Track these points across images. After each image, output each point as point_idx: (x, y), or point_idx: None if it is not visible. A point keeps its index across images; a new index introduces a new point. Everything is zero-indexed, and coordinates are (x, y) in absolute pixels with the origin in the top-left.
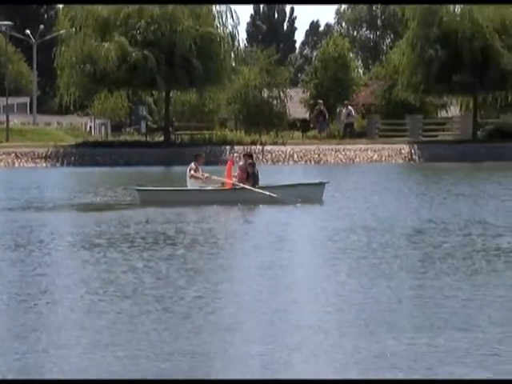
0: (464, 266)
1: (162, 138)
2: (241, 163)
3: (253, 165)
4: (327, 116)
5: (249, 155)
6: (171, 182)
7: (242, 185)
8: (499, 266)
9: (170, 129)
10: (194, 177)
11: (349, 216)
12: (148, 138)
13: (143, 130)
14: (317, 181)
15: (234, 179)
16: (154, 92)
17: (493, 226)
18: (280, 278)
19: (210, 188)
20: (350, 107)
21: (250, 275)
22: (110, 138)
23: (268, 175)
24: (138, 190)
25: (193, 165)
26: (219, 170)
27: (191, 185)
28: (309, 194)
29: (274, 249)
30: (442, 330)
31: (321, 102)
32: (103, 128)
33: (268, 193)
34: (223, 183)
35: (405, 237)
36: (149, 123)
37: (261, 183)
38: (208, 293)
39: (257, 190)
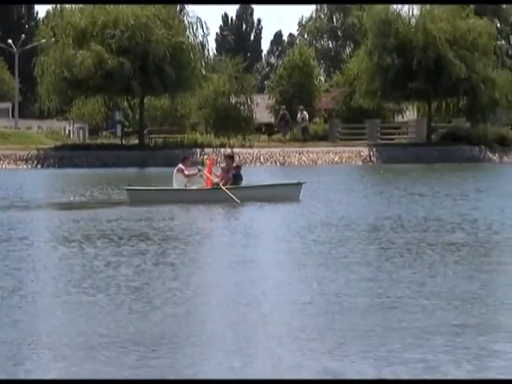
0: (419, 260)
1: (136, 141)
2: (222, 165)
3: (238, 167)
4: (290, 121)
5: (230, 156)
6: (148, 182)
7: (222, 187)
8: (452, 259)
9: (144, 132)
10: (188, 176)
11: (313, 214)
12: (123, 141)
13: (119, 133)
14: (294, 181)
15: (216, 179)
16: (129, 98)
17: (446, 223)
18: (246, 271)
19: (194, 188)
20: (304, 112)
21: (218, 269)
22: (88, 141)
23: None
24: (127, 189)
25: (180, 166)
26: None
27: (177, 185)
28: (287, 193)
29: (243, 245)
30: (396, 319)
31: (283, 107)
32: (81, 132)
33: (234, 198)
34: (201, 176)
35: (365, 233)
36: (124, 127)
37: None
38: (178, 285)
39: (227, 192)
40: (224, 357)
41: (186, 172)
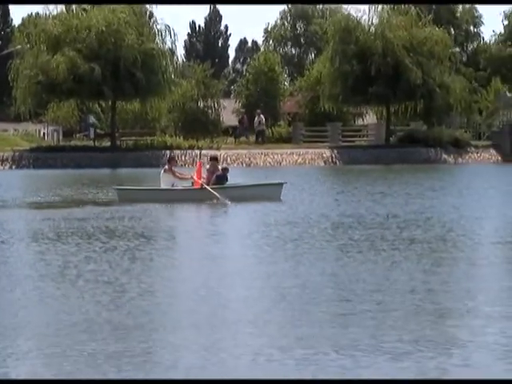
0: (378, 255)
1: (108, 143)
2: (208, 166)
3: (225, 169)
4: (247, 124)
5: (214, 158)
6: (120, 182)
7: (206, 186)
8: (409, 254)
9: (116, 135)
10: (181, 178)
11: (279, 212)
12: (96, 143)
13: (91, 135)
14: (276, 181)
15: (202, 180)
16: (100, 102)
17: (403, 220)
18: (212, 267)
19: (180, 187)
20: (261, 116)
21: (185, 264)
22: (62, 143)
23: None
24: (116, 189)
25: (166, 167)
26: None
27: (165, 185)
28: (269, 193)
29: (210, 241)
30: (353, 309)
31: (242, 111)
32: (55, 134)
33: (220, 197)
34: (193, 183)
35: (327, 230)
36: (97, 130)
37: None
38: (146, 279)
39: (211, 190)
40: (193, 345)
41: (178, 174)
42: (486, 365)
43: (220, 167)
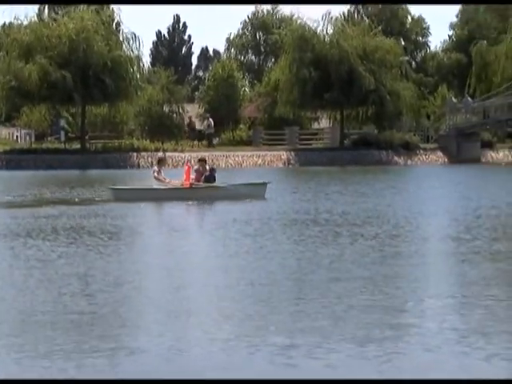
0: (332, 249)
1: (78, 146)
2: (196, 167)
3: (212, 169)
4: (195, 128)
5: (203, 160)
6: (90, 183)
7: (197, 185)
8: (360, 248)
9: (86, 138)
10: (157, 179)
11: (242, 211)
12: (66, 146)
13: (62, 138)
14: (260, 181)
15: (192, 180)
16: (71, 107)
17: (356, 217)
18: (178, 262)
19: (172, 187)
20: (210, 119)
21: (152, 259)
22: (34, 146)
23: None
24: (111, 188)
25: (156, 167)
26: (179, 172)
27: (157, 184)
28: (254, 192)
29: (180, 237)
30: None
31: (190, 116)
32: (28, 137)
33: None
34: (182, 184)
35: (284, 226)
36: (67, 133)
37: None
38: (114, 272)
39: (203, 190)
40: (158, 333)
41: (156, 175)
42: (434, 348)
43: (208, 168)
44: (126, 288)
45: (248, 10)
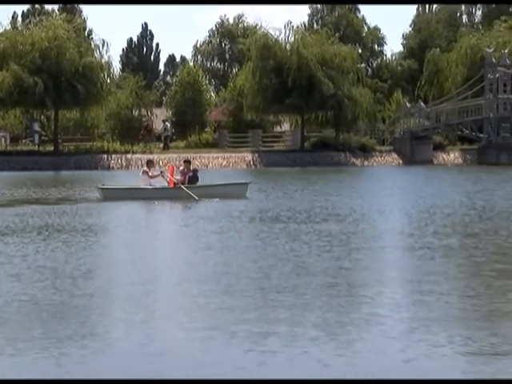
0: (293, 244)
1: (51, 148)
2: (181, 168)
3: (195, 170)
4: (152, 131)
5: (187, 161)
6: (63, 183)
7: (181, 186)
8: (320, 243)
9: (59, 140)
10: (152, 176)
11: (208, 209)
12: (40, 148)
13: (36, 141)
14: (242, 181)
15: (176, 180)
16: (44, 111)
17: (317, 214)
18: (146, 257)
19: (158, 187)
20: (167, 123)
21: (122, 254)
22: (9, 148)
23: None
24: (100, 188)
25: (145, 168)
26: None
27: (143, 184)
28: (236, 191)
29: (148, 235)
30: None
31: (145, 119)
32: (3, 140)
33: (193, 195)
34: (168, 182)
35: (247, 223)
36: (41, 136)
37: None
38: (85, 266)
39: (187, 190)
40: (125, 321)
41: (150, 173)
42: (391, 337)
43: (191, 168)
44: (95, 281)
45: (214, 19)
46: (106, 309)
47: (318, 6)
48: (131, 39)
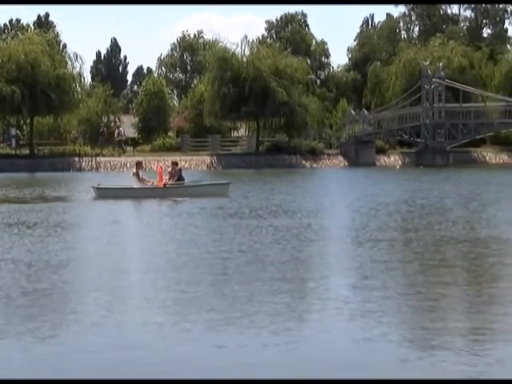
0: (248, 236)
1: (27, 152)
2: (169, 169)
3: (179, 170)
4: (106, 136)
5: (175, 163)
6: (40, 184)
7: (170, 185)
8: (273, 236)
9: (34, 144)
10: (141, 181)
11: (172, 208)
12: (17, 152)
13: (13, 145)
14: (224, 181)
15: (165, 180)
16: (20, 118)
17: (272, 211)
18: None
19: (149, 186)
20: (121, 128)
21: (92, 249)
22: None
23: (110, 179)
24: (95, 187)
25: (134, 170)
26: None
27: (136, 184)
28: (218, 190)
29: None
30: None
31: (103, 124)
32: None
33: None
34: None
35: (206, 219)
36: (18, 140)
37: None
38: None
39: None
40: (96, 307)
41: (140, 177)
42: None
43: (177, 169)
44: (65, 271)
45: (176, 34)
46: (73, 295)
47: (274, 21)
48: (100, 52)
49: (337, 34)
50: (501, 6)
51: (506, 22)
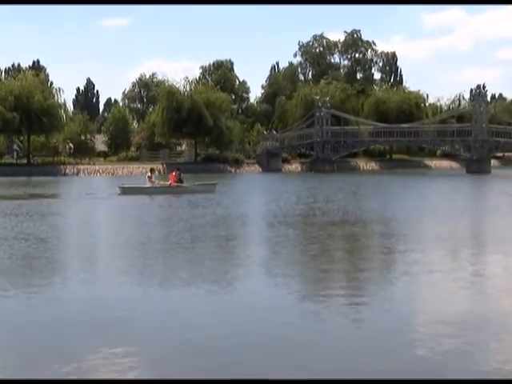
0: (193, 232)
1: (25, 161)
2: (174, 173)
3: (180, 174)
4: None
5: (179, 169)
6: (36, 185)
7: (176, 185)
8: (203, 222)
9: (31, 156)
10: (151, 181)
11: (141, 207)
12: (17, 161)
13: (15, 156)
14: (213, 181)
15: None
16: (20, 136)
17: (205, 206)
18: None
19: (158, 186)
20: (70, 144)
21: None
22: None
23: (88, 183)
24: (120, 187)
25: (149, 173)
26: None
27: (148, 184)
28: (209, 189)
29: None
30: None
31: (69, 141)
32: None
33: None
34: (168, 184)
35: (161, 219)
36: (19, 153)
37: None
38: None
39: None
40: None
41: (153, 179)
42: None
43: (179, 173)
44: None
45: (136, 75)
46: (57, 265)
47: (207, 65)
48: (79, 88)
49: (254, 74)
50: (368, 57)
51: (373, 68)
